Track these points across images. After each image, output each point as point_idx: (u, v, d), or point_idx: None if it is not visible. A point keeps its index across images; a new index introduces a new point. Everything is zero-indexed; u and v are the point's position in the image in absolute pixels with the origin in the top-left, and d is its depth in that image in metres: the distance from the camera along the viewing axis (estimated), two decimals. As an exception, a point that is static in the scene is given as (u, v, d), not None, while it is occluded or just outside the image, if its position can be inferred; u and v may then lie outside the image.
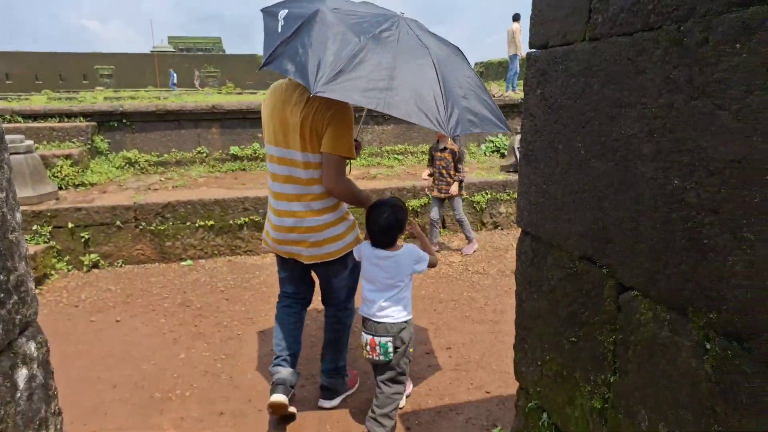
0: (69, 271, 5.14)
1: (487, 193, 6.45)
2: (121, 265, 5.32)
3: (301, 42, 2.26)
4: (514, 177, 6.66)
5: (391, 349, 2.55)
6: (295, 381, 2.84)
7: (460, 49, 2.83)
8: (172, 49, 44.09)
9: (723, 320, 1.00)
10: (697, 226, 1.05)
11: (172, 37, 49.28)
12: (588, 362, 1.45)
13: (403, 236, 2.66)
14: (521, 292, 1.86)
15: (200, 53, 41.25)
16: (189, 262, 5.46)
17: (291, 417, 2.81)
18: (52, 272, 5.01)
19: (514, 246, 5.83)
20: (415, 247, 2.64)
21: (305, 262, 2.68)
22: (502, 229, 6.61)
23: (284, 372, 2.78)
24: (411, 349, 2.70)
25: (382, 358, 2.57)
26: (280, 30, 2.42)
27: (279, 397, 2.67)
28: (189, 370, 3.37)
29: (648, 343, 1.20)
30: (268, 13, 2.60)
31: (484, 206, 6.46)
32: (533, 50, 1.72)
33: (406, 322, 2.61)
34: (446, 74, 2.42)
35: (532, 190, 1.74)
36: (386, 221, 2.51)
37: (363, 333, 2.63)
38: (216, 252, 5.58)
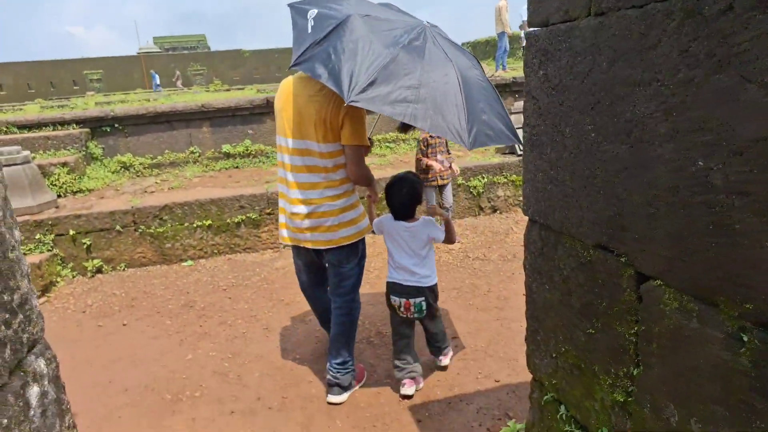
0: (74, 277, 5.14)
1: (483, 177, 6.34)
2: (123, 269, 5.31)
3: (333, 47, 2.34)
4: (511, 159, 6.56)
5: (425, 307, 2.86)
6: None
7: (477, 59, 2.95)
8: (158, 50, 43.62)
9: (759, 311, 0.93)
10: (724, 210, 0.98)
11: (157, 38, 48.83)
12: (607, 354, 1.39)
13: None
14: (531, 282, 1.80)
15: (185, 51, 40.73)
16: (190, 262, 5.42)
17: None
18: (58, 279, 5.01)
19: (514, 230, 5.81)
20: (431, 221, 2.90)
21: (321, 248, 2.79)
22: (500, 212, 6.52)
23: None
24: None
25: (416, 315, 2.89)
26: (310, 30, 2.50)
27: None
28: (197, 370, 3.37)
29: (673, 334, 1.13)
30: (297, 9, 2.67)
31: (481, 191, 6.35)
32: (533, 29, 1.64)
33: (433, 285, 2.90)
34: (468, 87, 2.51)
35: (538, 177, 1.67)
36: (407, 195, 2.82)
37: (393, 297, 2.90)
38: (215, 251, 5.54)
